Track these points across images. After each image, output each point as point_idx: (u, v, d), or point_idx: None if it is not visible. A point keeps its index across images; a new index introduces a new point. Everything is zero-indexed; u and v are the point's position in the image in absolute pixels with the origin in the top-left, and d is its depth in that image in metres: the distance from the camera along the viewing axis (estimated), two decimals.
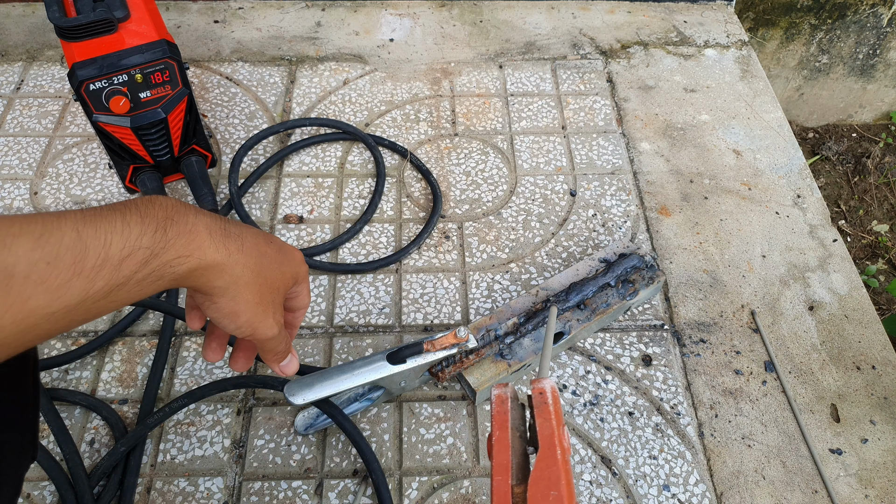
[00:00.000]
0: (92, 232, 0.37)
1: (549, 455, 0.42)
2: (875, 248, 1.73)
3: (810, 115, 1.92)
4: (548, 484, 0.41)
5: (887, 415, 0.85)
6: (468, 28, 1.33)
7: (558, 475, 0.41)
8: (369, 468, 0.76)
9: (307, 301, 0.58)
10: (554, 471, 0.42)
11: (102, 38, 0.86)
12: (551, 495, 0.41)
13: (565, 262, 0.98)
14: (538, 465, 0.42)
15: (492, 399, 0.46)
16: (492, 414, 0.46)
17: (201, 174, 1.01)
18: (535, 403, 0.45)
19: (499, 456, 0.43)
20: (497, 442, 0.44)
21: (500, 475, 0.43)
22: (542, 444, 0.43)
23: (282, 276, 0.51)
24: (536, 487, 0.41)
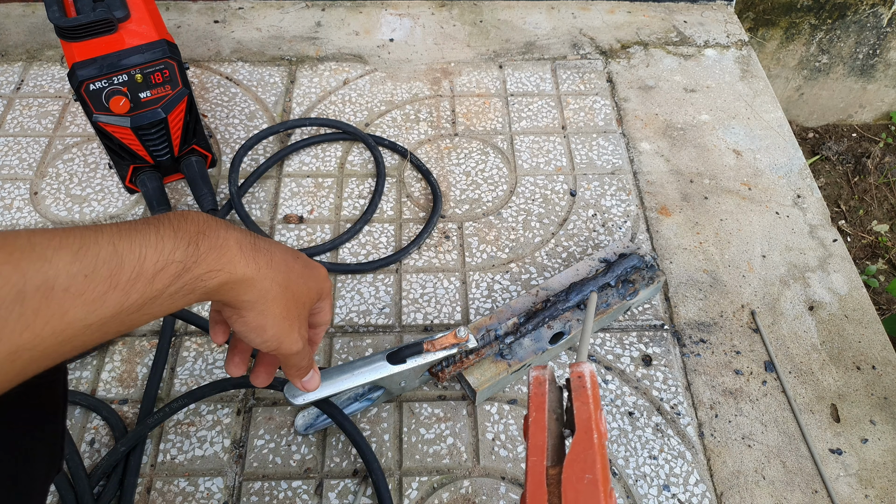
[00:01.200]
0: (127, 246, 0.38)
1: (585, 438, 0.42)
2: (875, 248, 1.73)
3: (810, 115, 1.92)
4: (583, 467, 0.41)
5: (887, 415, 0.85)
6: (468, 28, 1.33)
7: (594, 459, 0.42)
8: (369, 468, 0.76)
9: (329, 317, 0.58)
10: (590, 454, 0.42)
11: (102, 38, 0.86)
12: (586, 478, 0.41)
13: (565, 262, 0.98)
14: (574, 448, 0.42)
15: (529, 380, 0.47)
16: (529, 395, 0.46)
17: (201, 174, 1.01)
18: (574, 387, 0.45)
19: (534, 437, 0.43)
20: (533, 423, 0.44)
21: (536, 455, 0.43)
22: (579, 427, 0.43)
23: (307, 292, 0.51)
24: (571, 469, 0.41)
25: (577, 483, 0.41)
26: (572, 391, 0.45)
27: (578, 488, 0.40)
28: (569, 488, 0.41)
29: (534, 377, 0.46)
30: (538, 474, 0.42)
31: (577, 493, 0.40)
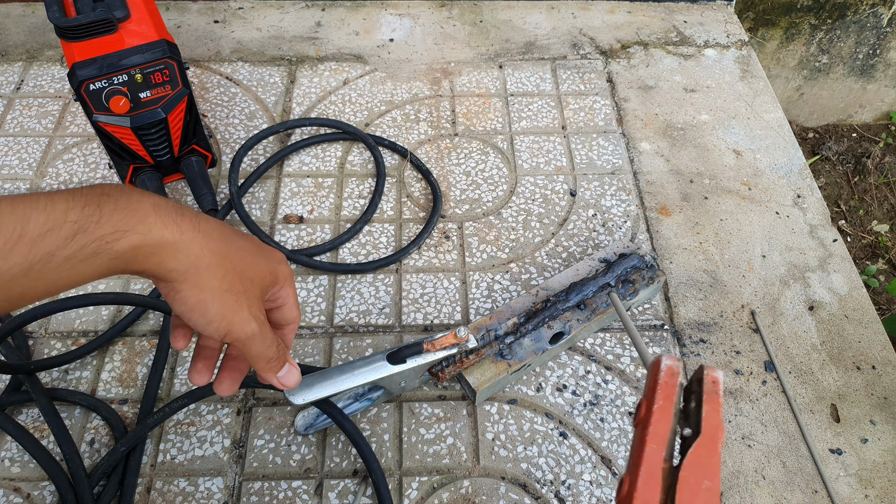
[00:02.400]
0: (9, 209, 0.36)
1: (711, 445, 0.40)
2: (875, 248, 1.73)
3: (810, 115, 1.92)
4: (704, 473, 0.39)
5: (887, 415, 0.85)
6: (468, 28, 1.33)
7: (716, 467, 0.40)
8: (369, 468, 0.76)
9: (296, 314, 0.53)
10: (713, 462, 0.40)
11: (102, 38, 0.86)
12: (705, 485, 0.39)
13: (565, 262, 0.98)
14: (697, 451, 0.40)
15: (661, 368, 0.44)
16: (656, 382, 0.43)
17: (201, 174, 1.01)
18: (708, 390, 0.43)
19: (658, 425, 0.41)
20: (659, 410, 0.42)
21: (656, 444, 0.41)
22: (706, 431, 0.41)
23: (256, 268, 0.47)
24: (690, 471, 0.39)
25: (695, 487, 0.39)
26: (705, 394, 0.43)
27: (696, 492, 0.39)
28: (685, 490, 0.39)
29: (668, 366, 0.44)
30: (655, 464, 0.40)
31: (693, 497, 0.39)
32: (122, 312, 0.91)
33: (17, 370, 0.80)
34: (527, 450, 0.80)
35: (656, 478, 0.40)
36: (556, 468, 0.79)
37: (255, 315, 0.46)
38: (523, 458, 0.80)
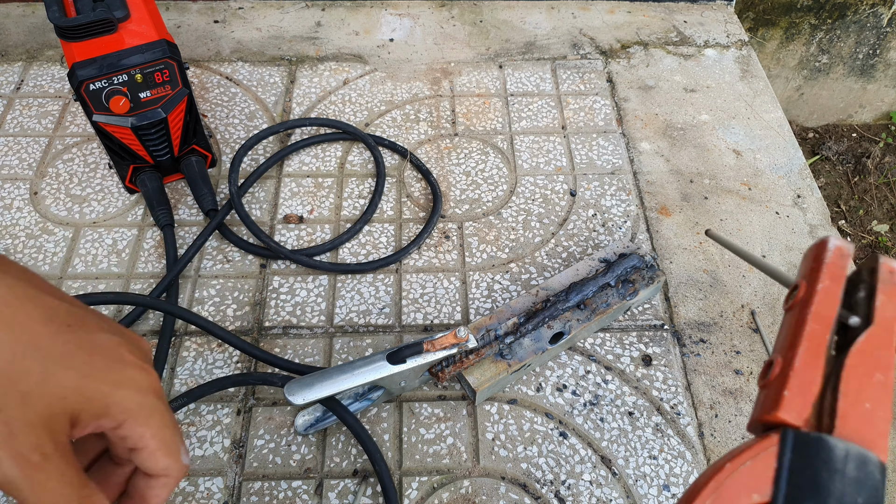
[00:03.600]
0: None
1: (885, 335, 0.35)
2: (875, 248, 1.73)
3: (810, 115, 1.92)
4: (875, 364, 0.34)
5: None
6: (468, 28, 1.33)
7: (890, 360, 0.34)
8: (372, 459, 0.76)
9: (162, 465, 0.35)
10: (886, 354, 0.35)
11: (102, 38, 0.86)
12: (876, 377, 0.34)
13: (565, 262, 0.98)
14: (868, 340, 0.35)
15: (829, 247, 0.39)
16: (821, 262, 0.38)
17: (201, 174, 1.01)
18: (884, 279, 0.37)
19: (822, 305, 0.36)
20: (825, 291, 0.36)
21: (819, 324, 0.35)
22: (880, 322, 0.35)
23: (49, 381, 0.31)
24: (859, 359, 0.34)
25: (865, 378, 0.34)
26: (880, 283, 0.37)
27: (865, 383, 0.33)
28: (852, 378, 0.33)
29: (837, 246, 0.39)
30: (819, 346, 0.34)
31: (862, 388, 0.33)
32: (122, 312, 0.91)
33: None
34: (527, 450, 0.80)
35: (819, 359, 0.34)
36: (556, 468, 0.79)
37: (20, 452, 0.29)
38: (523, 458, 0.80)
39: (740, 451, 0.33)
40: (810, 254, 0.40)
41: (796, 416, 0.33)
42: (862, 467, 0.30)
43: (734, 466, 0.32)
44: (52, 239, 0.98)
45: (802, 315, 0.36)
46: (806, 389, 0.33)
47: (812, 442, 0.31)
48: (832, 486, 0.29)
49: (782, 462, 0.31)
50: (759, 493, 0.31)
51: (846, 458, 0.30)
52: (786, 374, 0.34)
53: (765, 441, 0.33)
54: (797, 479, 0.30)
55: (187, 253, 0.94)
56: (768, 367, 0.36)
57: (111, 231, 0.99)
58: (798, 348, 0.34)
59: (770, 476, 0.31)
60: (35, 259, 0.96)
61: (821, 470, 0.30)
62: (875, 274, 0.38)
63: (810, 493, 0.30)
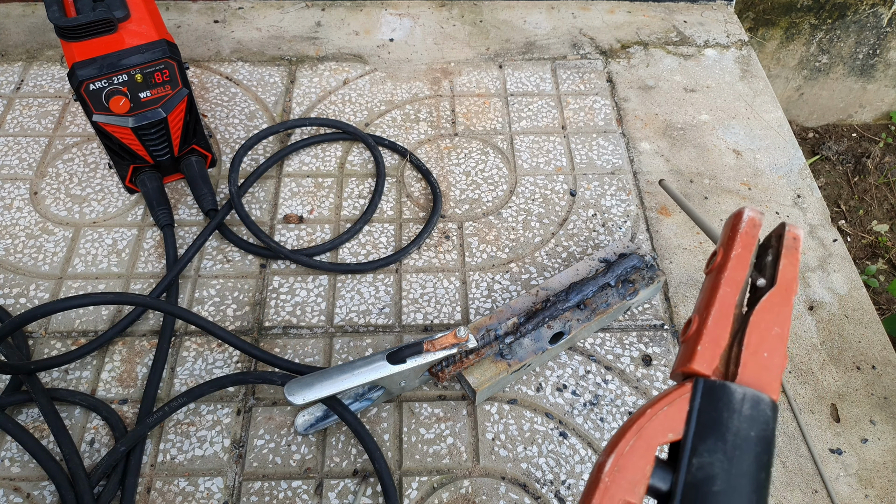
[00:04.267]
0: None
1: (785, 294, 0.41)
2: (875, 248, 1.73)
3: (810, 115, 1.92)
4: (775, 320, 0.40)
5: (887, 415, 0.85)
6: (468, 28, 1.33)
7: (787, 316, 0.40)
8: (372, 458, 0.76)
9: None
10: (785, 311, 0.40)
11: (102, 38, 0.86)
12: (774, 330, 0.40)
13: (565, 262, 0.98)
14: (770, 299, 0.41)
15: (743, 218, 0.45)
16: (737, 231, 0.44)
17: (201, 174, 1.01)
18: (787, 245, 0.44)
19: (734, 271, 0.42)
20: (737, 258, 0.43)
21: (730, 287, 0.41)
22: (781, 282, 0.41)
23: None
24: (761, 316, 0.40)
25: (765, 332, 0.39)
26: (784, 248, 0.43)
27: (764, 336, 0.39)
28: (754, 332, 0.39)
29: (750, 217, 0.44)
30: (727, 306, 0.40)
31: (761, 339, 0.39)
32: (122, 312, 0.91)
33: (17, 370, 0.80)
34: (527, 450, 0.80)
35: (727, 318, 0.40)
36: (556, 468, 0.79)
37: None
38: (523, 458, 0.80)
39: (659, 398, 0.38)
40: (728, 223, 0.45)
41: (706, 367, 0.39)
42: (755, 406, 0.36)
43: (654, 411, 0.37)
44: (52, 239, 0.98)
45: (717, 279, 0.42)
46: (715, 344, 0.39)
47: (717, 388, 0.37)
48: (730, 423, 0.36)
49: (693, 406, 0.37)
50: (674, 432, 0.37)
51: (743, 399, 0.37)
52: (699, 332, 0.40)
53: (680, 389, 0.38)
54: (704, 419, 0.36)
55: (187, 253, 0.95)
56: (687, 325, 0.41)
57: (111, 231, 0.99)
58: (711, 309, 0.40)
59: (683, 418, 0.37)
60: (35, 259, 0.96)
61: (722, 410, 0.36)
62: (781, 240, 0.44)
63: (713, 430, 0.36)
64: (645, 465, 0.36)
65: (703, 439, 0.36)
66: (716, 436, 0.36)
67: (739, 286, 0.42)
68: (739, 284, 0.42)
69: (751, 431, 0.36)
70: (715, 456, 0.35)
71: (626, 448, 0.36)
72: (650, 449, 0.36)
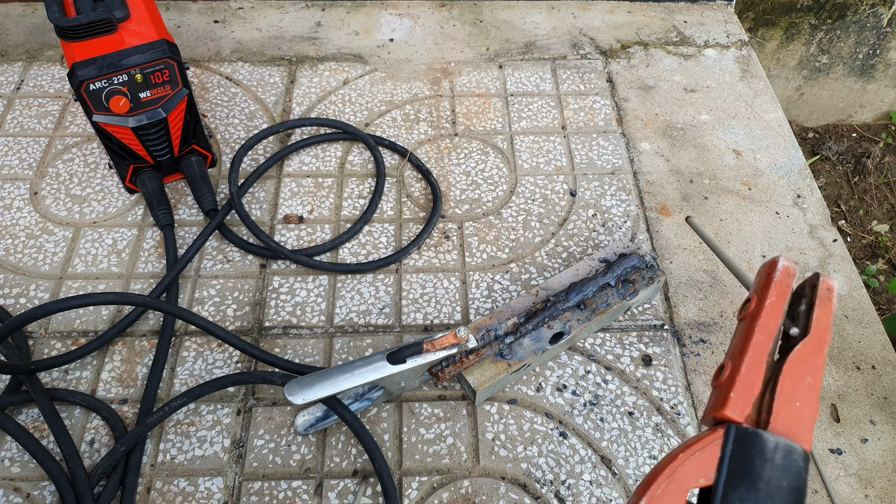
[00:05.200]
0: None
1: (819, 345, 0.41)
2: (875, 248, 1.73)
3: (810, 115, 1.92)
4: (808, 370, 0.40)
5: (887, 415, 0.85)
6: (468, 28, 1.33)
7: (820, 366, 0.41)
8: (372, 458, 0.76)
9: None
10: (818, 361, 0.41)
11: (102, 38, 0.86)
12: (807, 380, 0.40)
13: (565, 262, 0.98)
14: (803, 349, 0.41)
15: (778, 267, 0.45)
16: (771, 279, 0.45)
17: (201, 174, 1.01)
18: (821, 296, 0.44)
19: (768, 319, 0.42)
20: (771, 307, 0.43)
21: (764, 336, 0.42)
22: (815, 332, 0.42)
23: None
24: (795, 365, 0.40)
25: (798, 381, 0.40)
26: (818, 298, 0.44)
27: (797, 385, 0.40)
28: (786, 381, 0.40)
29: (784, 266, 0.45)
30: (761, 353, 0.41)
31: (794, 389, 0.39)
32: (122, 312, 0.91)
33: (17, 370, 0.80)
34: (527, 450, 0.81)
35: (760, 366, 0.40)
36: (556, 468, 0.79)
37: None
38: (523, 458, 0.80)
39: (692, 443, 0.38)
40: (762, 271, 0.45)
41: (739, 414, 0.39)
42: (788, 456, 0.36)
43: (686, 456, 0.37)
44: (52, 239, 0.98)
45: (751, 327, 0.42)
46: (748, 392, 0.39)
47: (750, 436, 0.37)
48: (763, 472, 0.36)
49: (725, 452, 0.37)
50: (705, 477, 0.37)
51: (776, 448, 0.37)
52: (733, 378, 0.40)
53: (712, 434, 0.38)
54: (735, 466, 0.36)
55: (187, 253, 0.95)
56: (720, 371, 0.41)
57: (111, 231, 0.99)
58: (745, 356, 0.41)
59: (714, 464, 0.37)
60: (35, 259, 0.96)
61: (755, 458, 0.36)
62: (815, 290, 0.44)
63: (745, 478, 0.36)
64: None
65: (735, 487, 0.36)
66: (748, 484, 0.36)
67: (773, 335, 0.42)
68: (773, 333, 0.42)
69: (783, 481, 0.36)
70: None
71: (658, 492, 0.36)
72: (681, 493, 0.36)
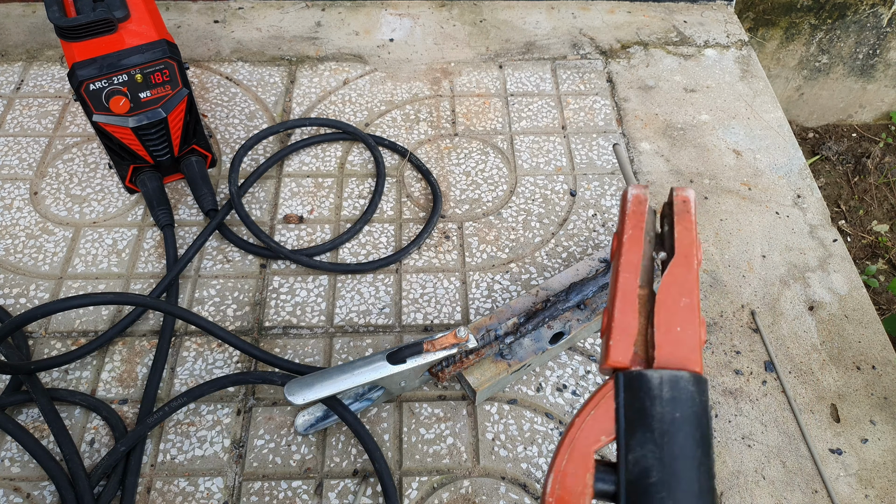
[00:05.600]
0: None
1: (685, 262, 0.40)
2: (875, 248, 1.73)
3: (810, 115, 1.92)
4: (680, 291, 0.39)
5: (887, 415, 0.85)
6: (468, 28, 1.33)
7: (693, 284, 0.39)
8: (372, 458, 0.76)
9: None
10: (689, 279, 0.39)
11: (102, 38, 0.86)
12: (682, 301, 0.38)
13: (565, 262, 0.98)
14: (672, 271, 0.40)
15: (628, 198, 0.43)
16: (625, 212, 0.43)
17: (201, 174, 1.01)
18: (678, 210, 0.42)
19: (629, 254, 0.41)
20: (629, 240, 0.41)
21: (628, 272, 0.40)
22: (679, 251, 0.40)
23: None
24: (667, 292, 0.39)
25: (673, 306, 0.38)
26: (675, 214, 0.42)
27: (673, 310, 0.38)
28: (662, 310, 0.38)
29: (634, 195, 0.43)
30: (630, 292, 0.39)
31: (670, 315, 0.38)
32: (122, 312, 0.91)
33: (17, 370, 0.80)
34: (527, 450, 0.81)
35: (632, 304, 0.39)
36: None
37: None
38: (523, 458, 0.80)
39: (586, 404, 0.37)
40: (620, 206, 0.44)
41: (623, 359, 0.37)
42: (674, 386, 0.36)
43: (582, 419, 0.37)
44: (52, 239, 0.98)
45: (616, 267, 0.41)
46: (626, 334, 0.38)
47: (635, 378, 0.36)
48: (654, 410, 0.35)
49: (619, 402, 0.37)
50: (606, 433, 0.36)
51: (661, 384, 0.36)
52: (609, 325, 0.39)
53: (603, 388, 0.37)
54: (629, 413, 0.36)
55: (187, 253, 0.95)
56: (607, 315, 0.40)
57: (111, 231, 0.99)
58: (616, 299, 0.39)
59: (612, 417, 0.36)
60: (35, 259, 0.96)
61: (644, 400, 0.36)
62: (672, 206, 0.43)
63: (640, 421, 0.35)
64: (584, 475, 0.35)
65: (633, 433, 0.35)
66: (643, 427, 0.35)
67: (637, 268, 0.40)
68: (637, 266, 0.40)
69: (675, 413, 0.35)
70: (646, 447, 0.35)
71: (563, 463, 0.36)
72: (586, 457, 0.36)
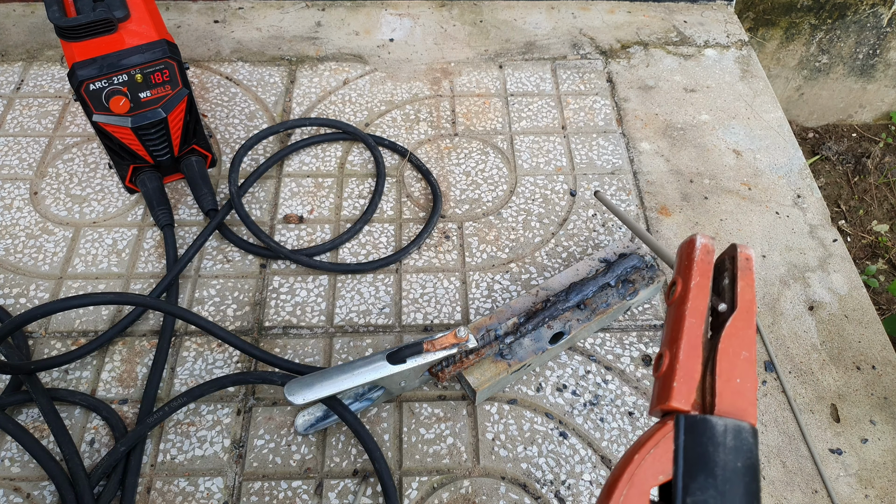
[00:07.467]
0: None
1: (747, 317, 0.42)
2: (875, 248, 1.73)
3: (810, 115, 1.92)
4: (741, 344, 0.41)
5: (887, 415, 0.85)
6: (468, 28, 1.33)
7: (752, 339, 0.41)
8: (372, 458, 0.76)
9: None
10: (749, 334, 0.41)
11: (102, 38, 0.86)
12: (743, 354, 0.40)
13: (565, 262, 0.98)
14: (734, 324, 0.42)
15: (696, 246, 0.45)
16: (692, 259, 0.45)
17: (201, 174, 1.01)
18: (741, 267, 0.44)
19: (696, 300, 0.42)
20: (696, 287, 0.43)
21: (695, 318, 0.42)
22: (742, 305, 0.42)
23: None
24: (729, 343, 0.41)
25: (734, 357, 0.40)
26: (738, 270, 0.44)
27: (734, 362, 0.40)
28: (724, 359, 0.40)
29: (702, 244, 0.45)
30: (696, 338, 0.41)
31: (732, 366, 0.40)
32: (122, 312, 0.91)
33: (17, 370, 0.80)
34: (527, 450, 0.81)
35: (697, 350, 0.40)
36: (556, 468, 0.79)
37: None
38: (523, 458, 0.80)
39: (644, 441, 0.38)
40: (682, 251, 0.45)
41: (685, 402, 0.39)
42: (738, 436, 0.37)
43: (641, 456, 0.37)
44: (52, 239, 0.98)
45: (681, 311, 0.42)
46: (690, 378, 0.40)
47: (699, 423, 0.38)
48: (717, 457, 0.36)
49: (678, 444, 0.37)
50: (664, 473, 0.37)
51: (725, 431, 0.37)
52: (673, 367, 0.40)
53: (663, 429, 0.38)
54: (690, 456, 0.37)
55: (187, 253, 0.95)
56: (659, 360, 0.42)
57: (111, 231, 0.99)
58: (680, 342, 0.41)
59: (670, 458, 0.37)
60: (35, 259, 0.96)
61: (707, 445, 0.37)
62: (735, 262, 0.44)
63: (702, 466, 0.36)
64: None
65: (694, 477, 0.36)
66: (705, 472, 0.36)
67: (703, 315, 0.42)
68: (703, 314, 0.42)
69: (737, 462, 0.36)
70: (707, 493, 0.36)
71: (621, 499, 0.36)
72: (644, 495, 0.37)
